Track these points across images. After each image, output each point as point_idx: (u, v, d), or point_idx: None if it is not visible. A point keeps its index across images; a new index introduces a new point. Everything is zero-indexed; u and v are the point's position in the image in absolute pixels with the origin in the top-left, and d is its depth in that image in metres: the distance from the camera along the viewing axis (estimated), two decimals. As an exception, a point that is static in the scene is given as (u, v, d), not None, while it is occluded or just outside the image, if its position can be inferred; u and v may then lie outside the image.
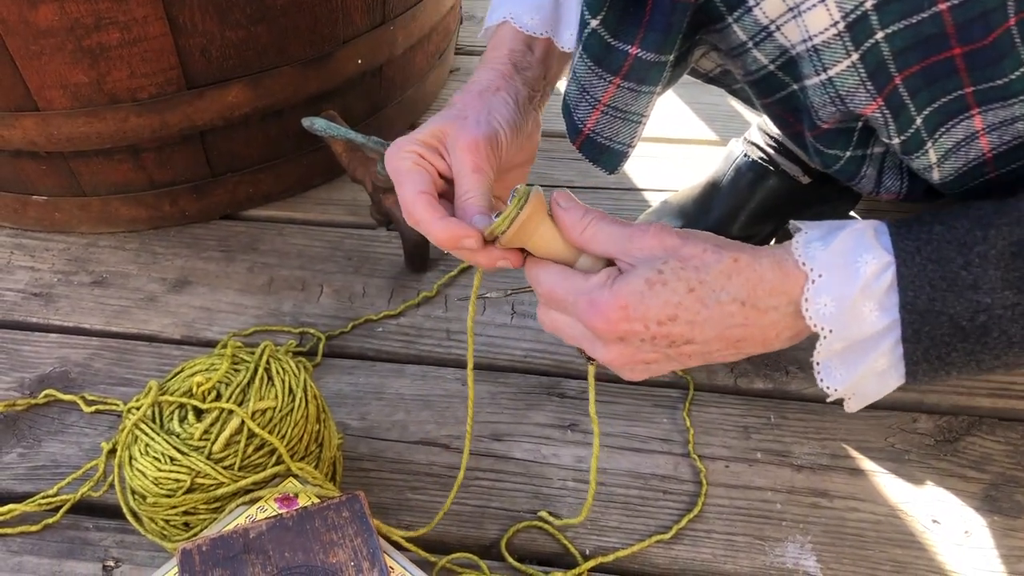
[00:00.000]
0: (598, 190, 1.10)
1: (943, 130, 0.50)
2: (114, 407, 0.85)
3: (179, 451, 0.65)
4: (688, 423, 0.81)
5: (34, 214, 1.05)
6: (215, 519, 0.66)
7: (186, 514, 0.67)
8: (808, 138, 0.57)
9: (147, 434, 0.67)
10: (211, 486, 0.66)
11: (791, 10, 0.50)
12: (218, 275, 1.00)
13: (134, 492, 0.69)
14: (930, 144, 0.51)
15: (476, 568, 0.71)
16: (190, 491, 0.66)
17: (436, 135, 0.59)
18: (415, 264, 0.98)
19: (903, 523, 0.74)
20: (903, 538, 0.73)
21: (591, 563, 0.71)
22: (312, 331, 0.92)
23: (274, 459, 0.67)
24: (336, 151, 0.95)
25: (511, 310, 0.94)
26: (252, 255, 1.03)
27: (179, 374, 0.71)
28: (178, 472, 0.65)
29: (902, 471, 0.78)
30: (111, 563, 0.72)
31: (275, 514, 0.63)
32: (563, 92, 0.64)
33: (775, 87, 0.57)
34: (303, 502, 0.65)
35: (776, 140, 0.92)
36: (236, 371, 0.70)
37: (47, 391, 0.85)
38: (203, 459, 0.65)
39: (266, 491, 0.66)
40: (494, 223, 0.53)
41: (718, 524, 0.74)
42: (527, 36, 0.65)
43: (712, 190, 0.94)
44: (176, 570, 0.60)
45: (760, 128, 0.94)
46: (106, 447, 0.79)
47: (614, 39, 0.55)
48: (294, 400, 0.69)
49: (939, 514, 0.74)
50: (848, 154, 0.55)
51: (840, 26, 0.48)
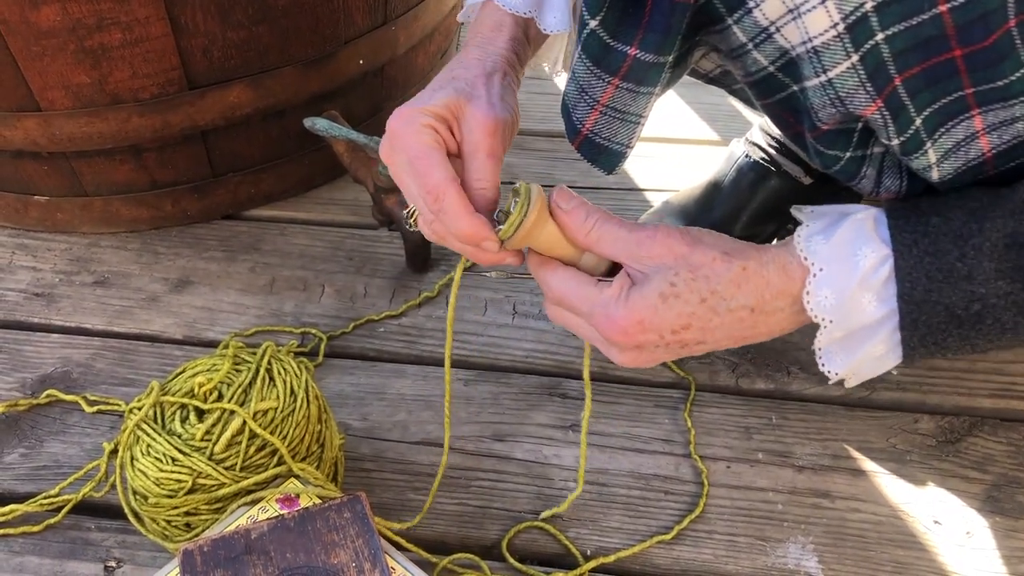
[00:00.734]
0: (600, 190, 1.10)
1: (943, 131, 0.50)
2: (116, 407, 0.85)
3: (181, 451, 0.65)
4: (689, 424, 0.81)
5: (36, 214, 1.05)
6: (217, 520, 0.66)
7: (188, 515, 0.67)
8: (808, 139, 0.57)
9: (149, 434, 0.67)
10: (213, 486, 0.66)
11: (791, 12, 0.50)
12: (220, 275, 1.00)
13: (136, 492, 0.69)
14: (929, 144, 0.51)
15: (477, 568, 0.71)
16: (192, 491, 0.66)
17: (450, 108, 0.57)
18: (416, 264, 0.99)
19: (905, 524, 0.74)
20: (905, 539, 0.73)
21: (592, 563, 0.71)
22: (314, 331, 0.92)
23: (276, 460, 0.67)
24: (338, 151, 0.95)
25: (512, 310, 0.94)
26: (254, 255, 1.03)
27: (181, 374, 0.71)
28: (180, 472, 0.65)
29: (904, 472, 0.77)
30: (113, 563, 0.72)
31: (277, 515, 0.63)
32: (562, 92, 0.64)
33: (775, 88, 0.57)
34: (304, 503, 0.65)
35: (778, 141, 0.92)
36: (238, 371, 0.70)
37: (49, 391, 0.86)
38: (205, 459, 0.65)
39: (268, 492, 0.66)
40: (501, 230, 0.54)
41: (719, 525, 0.74)
42: (524, 20, 0.64)
43: (714, 190, 0.94)
44: (178, 571, 0.60)
45: (762, 128, 0.93)
46: (108, 447, 0.79)
47: (613, 40, 0.55)
48: (296, 400, 0.69)
49: (941, 515, 0.74)
50: (848, 155, 0.56)
51: (840, 27, 0.48)
